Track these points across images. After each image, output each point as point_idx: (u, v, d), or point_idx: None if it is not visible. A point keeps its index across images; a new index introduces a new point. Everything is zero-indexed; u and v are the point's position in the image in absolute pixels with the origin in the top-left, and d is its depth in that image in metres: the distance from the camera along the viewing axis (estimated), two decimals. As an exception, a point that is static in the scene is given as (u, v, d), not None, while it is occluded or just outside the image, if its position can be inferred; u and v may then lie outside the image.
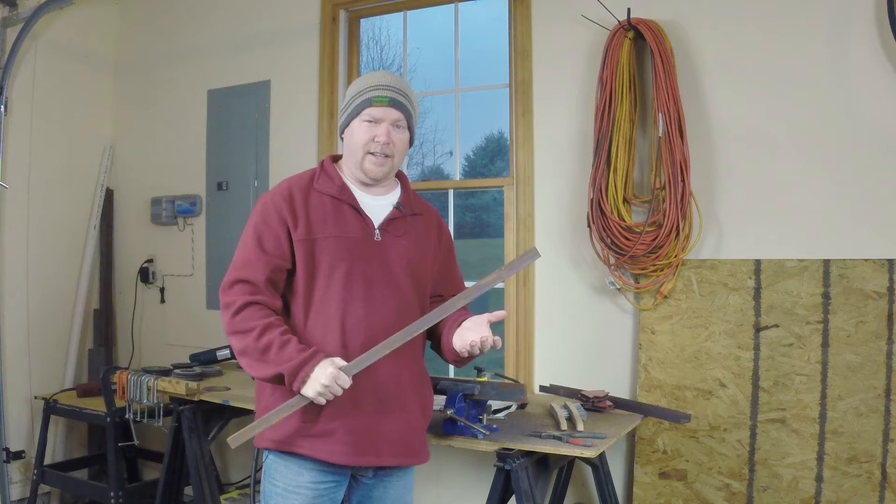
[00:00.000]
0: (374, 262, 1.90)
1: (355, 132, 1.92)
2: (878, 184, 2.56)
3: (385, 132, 1.90)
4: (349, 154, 1.96)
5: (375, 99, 1.90)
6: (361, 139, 1.91)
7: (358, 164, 1.93)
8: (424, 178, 4.40)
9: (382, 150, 1.90)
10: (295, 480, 1.86)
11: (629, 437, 2.88)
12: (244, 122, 3.86)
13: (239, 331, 1.81)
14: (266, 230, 1.88)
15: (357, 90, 1.94)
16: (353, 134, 1.93)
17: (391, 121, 1.91)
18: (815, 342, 2.58)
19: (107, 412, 3.25)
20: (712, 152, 2.82)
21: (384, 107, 1.90)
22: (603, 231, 2.83)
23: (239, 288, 1.84)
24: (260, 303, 1.83)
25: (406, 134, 1.96)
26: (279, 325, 1.81)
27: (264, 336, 1.78)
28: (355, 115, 1.92)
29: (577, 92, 3.05)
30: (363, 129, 1.91)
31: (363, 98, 1.91)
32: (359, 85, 1.95)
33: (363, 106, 1.91)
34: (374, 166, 1.92)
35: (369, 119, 1.90)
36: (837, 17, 2.63)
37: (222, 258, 3.81)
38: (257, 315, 1.81)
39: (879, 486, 2.45)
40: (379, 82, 1.92)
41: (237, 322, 1.82)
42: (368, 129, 1.90)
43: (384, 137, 1.90)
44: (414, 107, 1.98)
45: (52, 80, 3.94)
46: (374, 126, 1.90)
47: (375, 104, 1.89)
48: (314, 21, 3.67)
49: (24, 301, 3.83)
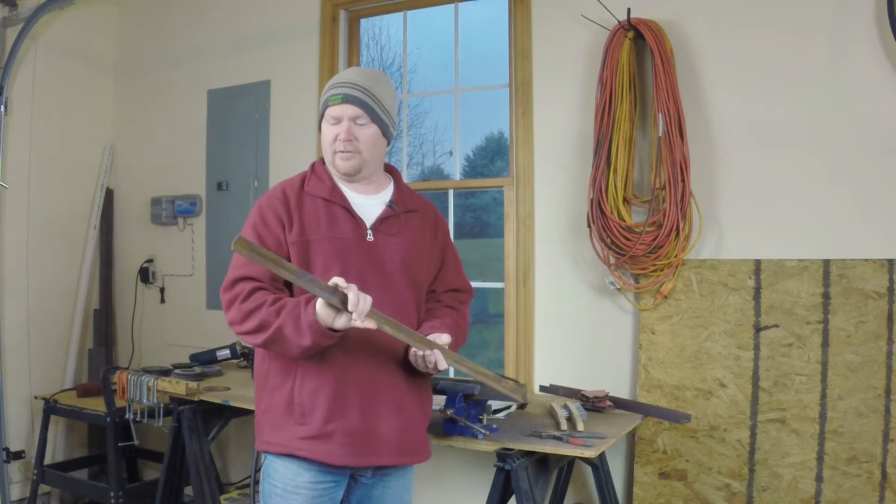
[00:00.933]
0: (368, 263, 1.90)
1: (323, 133, 1.98)
2: (878, 184, 2.56)
3: (344, 129, 1.92)
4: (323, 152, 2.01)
5: (331, 98, 1.94)
6: (327, 139, 1.96)
7: (331, 163, 1.98)
8: (424, 178, 4.40)
9: (345, 147, 1.92)
10: (294, 481, 1.86)
11: (629, 437, 2.88)
12: (244, 122, 3.86)
13: (250, 309, 1.78)
14: (265, 230, 1.88)
15: (325, 91, 2.00)
16: (322, 133, 1.99)
17: (349, 117, 1.92)
18: (815, 342, 2.58)
19: (107, 412, 3.25)
20: (712, 152, 2.82)
21: (339, 105, 1.92)
22: (603, 231, 2.83)
23: (241, 285, 1.83)
24: (263, 288, 1.83)
25: (371, 128, 1.93)
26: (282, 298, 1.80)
27: (276, 303, 1.76)
28: (321, 115, 1.98)
29: (577, 92, 3.05)
30: (327, 129, 1.96)
31: (323, 100, 1.97)
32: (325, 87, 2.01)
33: (323, 107, 1.96)
34: (342, 161, 1.94)
35: (331, 120, 1.94)
36: (837, 17, 2.63)
37: (222, 258, 3.81)
38: (263, 295, 1.80)
39: (879, 486, 2.45)
40: (337, 80, 1.97)
41: (246, 306, 1.79)
42: (332, 129, 1.94)
43: (344, 135, 1.92)
44: (378, 99, 1.94)
45: (52, 80, 3.94)
46: (337, 125, 1.94)
47: (331, 104, 1.94)
48: (314, 21, 3.67)
49: (24, 301, 3.83)
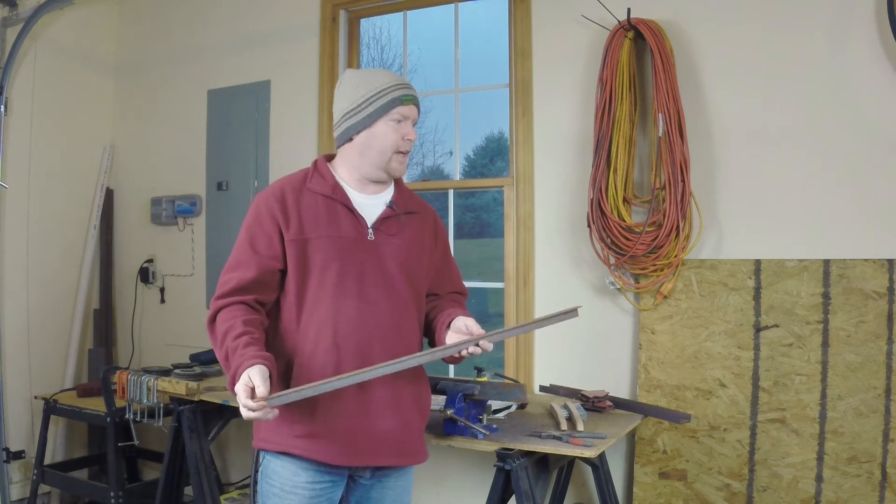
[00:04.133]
0: (368, 262, 1.89)
1: (380, 132, 1.89)
2: (878, 183, 2.56)
3: (412, 130, 1.92)
4: (366, 155, 1.91)
5: (405, 98, 1.90)
6: (391, 139, 1.89)
7: (382, 165, 1.91)
8: (424, 178, 4.40)
9: (408, 149, 1.93)
10: (292, 480, 1.85)
11: (629, 437, 2.88)
12: (244, 122, 3.86)
13: (211, 341, 1.83)
14: (259, 230, 1.88)
15: (375, 89, 1.90)
16: (374, 134, 1.89)
17: (413, 120, 1.94)
18: (815, 342, 2.58)
19: (107, 412, 3.25)
20: (712, 152, 2.82)
21: (410, 106, 1.91)
22: (603, 231, 2.83)
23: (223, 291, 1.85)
24: (231, 304, 1.82)
25: None
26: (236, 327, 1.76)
27: (223, 345, 1.76)
28: (381, 114, 1.89)
29: (577, 92, 3.05)
30: (391, 128, 1.89)
31: (390, 97, 1.88)
32: (374, 85, 1.90)
33: (392, 105, 1.88)
34: (400, 165, 1.93)
35: (399, 118, 1.89)
36: (837, 16, 2.63)
37: (222, 258, 3.77)
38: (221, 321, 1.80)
39: (879, 486, 2.45)
40: (398, 81, 1.92)
41: (211, 334, 1.83)
42: (396, 129, 1.89)
43: (414, 135, 1.92)
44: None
45: (52, 80, 3.94)
46: (401, 125, 1.90)
47: (405, 103, 1.90)
48: (314, 21, 3.67)
49: (24, 301, 3.83)
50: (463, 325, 1.86)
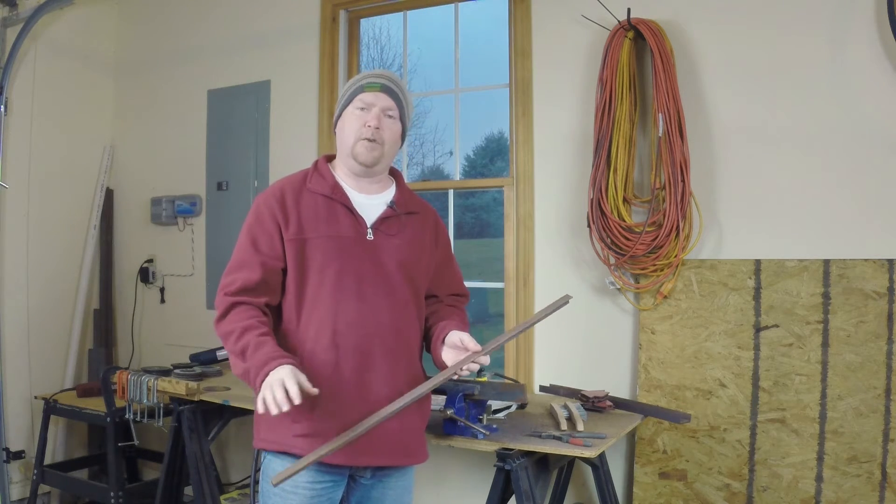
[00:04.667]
0: (367, 262, 1.89)
1: (346, 121, 1.95)
2: (878, 183, 2.56)
3: (375, 116, 1.92)
4: (341, 144, 1.98)
5: (367, 85, 1.94)
6: (353, 126, 1.93)
7: (349, 152, 1.94)
8: (424, 178, 4.39)
9: (373, 135, 1.91)
10: (292, 480, 1.84)
11: (629, 437, 2.88)
12: (244, 122, 3.86)
13: (222, 334, 1.83)
14: (260, 230, 1.88)
15: (350, 83, 2.00)
16: (344, 124, 1.96)
17: (382, 107, 1.93)
18: (815, 342, 2.58)
19: (107, 412, 3.25)
20: (712, 152, 2.82)
21: (375, 92, 1.93)
22: (603, 231, 2.83)
23: (229, 290, 1.85)
24: (245, 303, 1.84)
25: (398, 125, 1.97)
26: (257, 327, 1.79)
27: (241, 339, 1.78)
28: (347, 103, 1.96)
29: (577, 92, 3.05)
30: (355, 116, 1.93)
31: (356, 86, 1.96)
32: (352, 80, 2.01)
33: (355, 93, 1.95)
34: (365, 151, 1.92)
35: (361, 106, 1.93)
36: (837, 16, 2.63)
37: (222, 258, 3.79)
38: (238, 317, 1.82)
39: (879, 486, 2.45)
40: (371, 73, 1.98)
41: (221, 327, 1.84)
42: (360, 116, 1.93)
43: (374, 122, 1.91)
44: (407, 101, 2.00)
45: (52, 80, 3.94)
46: (366, 112, 1.93)
47: (367, 90, 1.93)
48: (314, 21, 3.67)
49: (24, 301, 3.83)
50: (458, 341, 1.86)
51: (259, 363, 1.72)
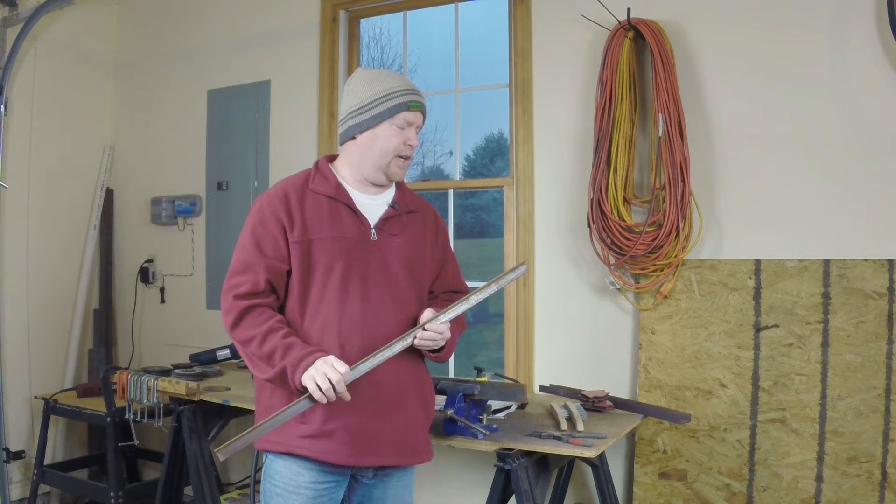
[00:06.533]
0: (371, 262, 1.90)
1: (382, 135, 1.91)
2: (878, 183, 2.56)
3: (415, 137, 1.93)
4: (367, 157, 1.93)
5: (412, 104, 1.91)
6: (392, 143, 1.91)
7: (381, 168, 1.93)
8: (424, 178, 4.39)
9: (409, 155, 1.94)
10: (294, 481, 1.85)
11: (629, 437, 2.88)
12: (244, 122, 3.86)
13: (241, 340, 1.82)
14: (263, 232, 1.87)
15: (382, 92, 1.90)
16: (377, 136, 1.91)
17: (417, 127, 1.95)
18: (815, 342, 2.58)
19: (107, 412, 3.25)
20: (712, 152, 2.82)
21: (417, 112, 1.93)
22: (603, 231, 2.83)
23: (238, 293, 1.84)
24: (259, 305, 1.83)
25: None
26: (280, 328, 1.80)
27: (266, 343, 1.78)
28: (386, 117, 1.90)
29: (577, 92, 3.05)
30: (394, 132, 1.91)
31: (397, 101, 1.90)
32: (381, 87, 1.91)
33: (398, 109, 1.89)
34: (400, 170, 1.95)
35: (402, 125, 1.91)
36: (837, 16, 2.63)
37: (222, 258, 3.82)
38: (256, 321, 1.81)
39: (879, 486, 2.45)
40: (407, 86, 1.93)
41: (238, 333, 1.82)
42: (400, 134, 1.91)
43: (416, 142, 1.93)
44: None
45: (52, 80, 3.94)
46: (404, 131, 1.91)
47: (412, 108, 1.91)
48: (314, 21, 3.67)
49: (24, 301, 3.83)
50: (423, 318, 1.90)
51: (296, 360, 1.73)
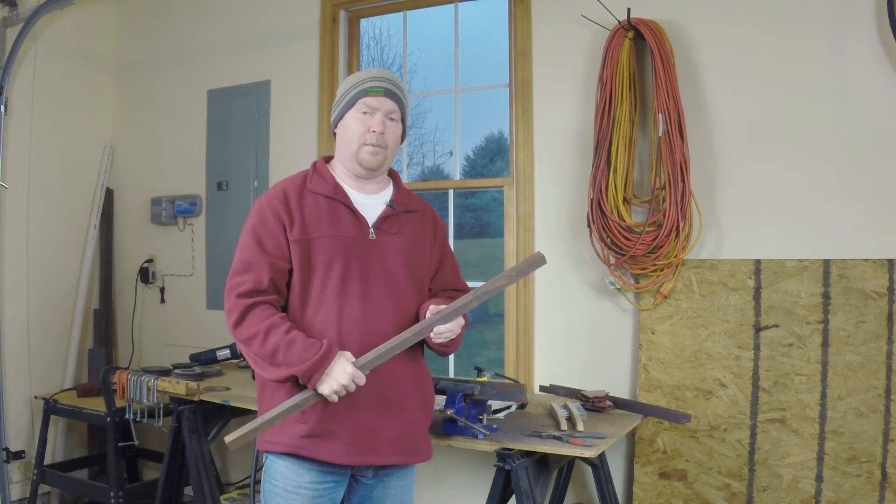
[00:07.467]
0: (371, 261, 1.90)
1: (350, 124, 1.94)
2: (878, 183, 2.56)
3: (380, 122, 1.92)
4: (343, 147, 1.97)
5: (371, 90, 1.92)
6: (357, 130, 1.92)
7: (353, 156, 1.94)
8: (424, 178, 4.40)
9: (377, 141, 1.92)
10: (295, 481, 1.86)
11: (629, 437, 2.88)
12: (244, 122, 3.86)
13: (244, 339, 1.82)
14: (264, 231, 1.88)
15: (351, 83, 1.97)
16: (347, 126, 1.95)
17: (385, 111, 1.94)
18: (815, 342, 2.58)
19: (107, 412, 3.25)
20: (712, 152, 2.82)
21: (379, 97, 1.92)
22: (603, 231, 2.83)
23: (240, 291, 1.84)
24: (261, 303, 1.83)
25: (399, 127, 1.99)
26: (282, 324, 1.80)
27: (268, 340, 1.78)
28: (350, 106, 1.94)
29: (577, 92, 3.05)
30: (358, 119, 1.93)
31: (358, 89, 1.93)
32: (352, 79, 1.98)
33: (358, 97, 1.93)
34: (370, 156, 1.93)
35: (364, 110, 1.92)
36: (837, 16, 2.63)
37: (222, 258, 3.82)
38: (258, 318, 1.81)
39: (879, 486, 2.45)
40: (373, 75, 1.96)
41: (241, 331, 1.82)
42: (364, 120, 1.92)
43: (379, 127, 1.92)
44: (406, 100, 2.01)
45: (52, 80, 3.94)
46: (369, 117, 1.92)
47: (371, 94, 1.92)
48: (314, 21, 3.67)
49: (24, 301, 3.83)
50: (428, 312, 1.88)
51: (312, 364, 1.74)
